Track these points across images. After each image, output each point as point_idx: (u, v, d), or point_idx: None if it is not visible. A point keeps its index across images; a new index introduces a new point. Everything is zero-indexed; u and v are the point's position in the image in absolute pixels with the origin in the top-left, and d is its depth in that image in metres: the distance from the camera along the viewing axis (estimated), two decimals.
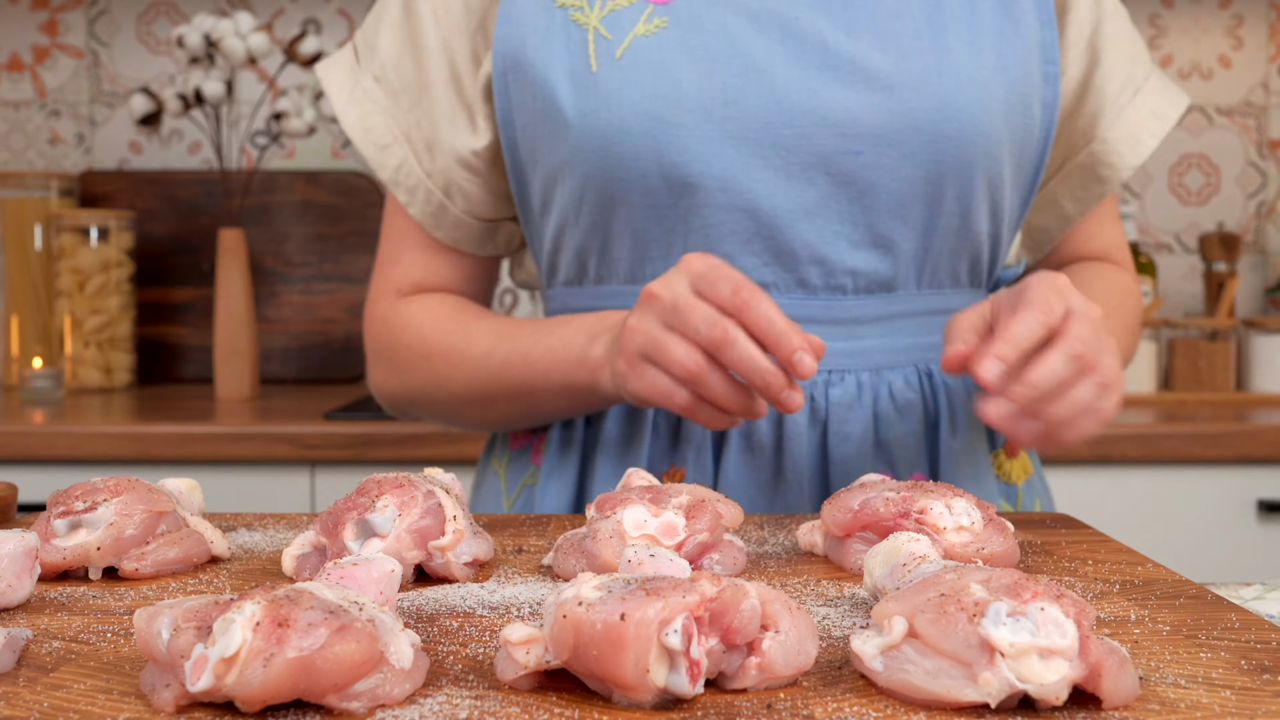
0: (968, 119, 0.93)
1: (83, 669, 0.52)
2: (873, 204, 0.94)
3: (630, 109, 0.91)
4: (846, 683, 0.50)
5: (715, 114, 0.92)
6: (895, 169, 0.93)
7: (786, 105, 0.92)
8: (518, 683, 0.49)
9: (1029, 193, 1.02)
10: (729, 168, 0.92)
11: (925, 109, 0.92)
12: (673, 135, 0.91)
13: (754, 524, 0.83)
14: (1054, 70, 0.99)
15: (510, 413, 0.99)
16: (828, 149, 0.92)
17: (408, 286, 1.05)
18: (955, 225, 0.97)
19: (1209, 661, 0.53)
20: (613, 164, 0.92)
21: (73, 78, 2.38)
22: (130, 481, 0.69)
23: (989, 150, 0.95)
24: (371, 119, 1.03)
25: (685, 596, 0.46)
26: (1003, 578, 0.49)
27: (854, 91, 0.92)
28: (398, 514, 0.66)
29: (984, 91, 0.94)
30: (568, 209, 0.96)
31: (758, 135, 0.92)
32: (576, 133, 0.93)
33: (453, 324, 1.01)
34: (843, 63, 0.93)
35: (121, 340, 2.19)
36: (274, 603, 0.46)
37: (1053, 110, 0.99)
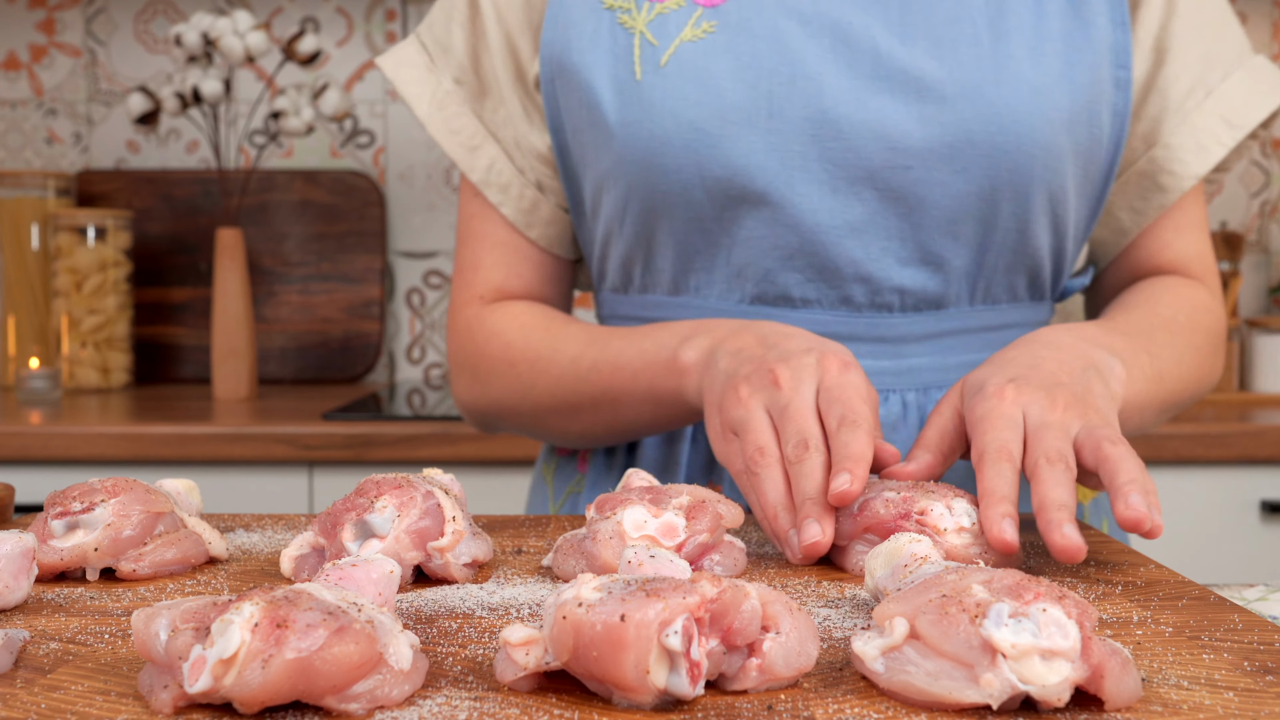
0: (1026, 131, 0.89)
1: (80, 670, 0.52)
2: (922, 221, 0.91)
3: (673, 119, 0.90)
4: (847, 684, 0.50)
5: (759, 125, 0.89)
6: (947, 184, 0.90)
7: (834, 117, 0.89)
8: (517, 684, 0.49)
9: (1098, 203, 0.97)
10: (773, 181, 0.90)
11: (980, 121, 0.89)
12: (715, 147, 0.89)
13: (754, 524, 0.83)
14: (1126, 75, 0.94)
15: (594, 422, 0.96)
16: (876, 163, 0.90)
17: (490, 292, 1.03)
18: (1012, 241, 0.93)
19: (1212, 663, 0.53)
20: (654, 175, 0.91)
21: (70, 76, 2.38)
22: (128, 482, 0.69)
23: (1049, 163, 0.91)
24: (458, 121, 1.02)
25: (685, 598, 0.46)
26: (1004, 579, 0.49)
27: (905, 103, 0.89)
28: (396, 515, 0.66)
29: (1045, 101, 0.90)
30: (612, 218, 0.95)
31: (803, 148, 0.90)
32: (619, 142, 0.91)
33: (541, 331, 0.99)
34: (894, 72, 0.90)
35: (119, 340, 2.19)
36: (272, 604, 0.46)
37: (1124, 117, 0.94)
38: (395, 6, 2.37)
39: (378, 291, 2.34)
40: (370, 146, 2.38)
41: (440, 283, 2.39)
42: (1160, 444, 1.75)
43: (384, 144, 2.38)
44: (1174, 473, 1.78)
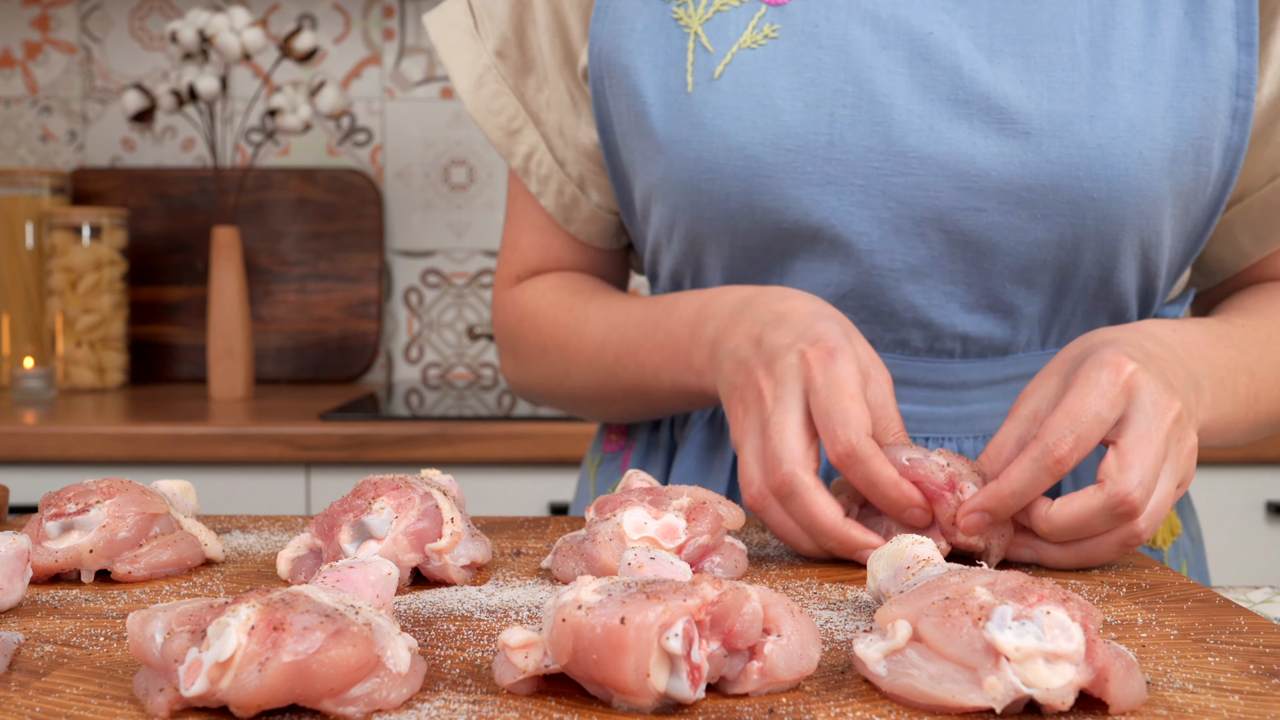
0: (1118, 175, 0.80)
1: (75, 673, 0.52)
2: (993, 267, 0.83)
3: (722, 143, 0.83)
4: (849, 687, 0.50)
5: (818, 154, 0.82)
6: (1024, 230, 0.82)
7: (901, 148, 0.81)
8: (516, 687, 0.49)
9: (1198, 240, 0.88)
10: (829, 216, 0.83)
11: (1067, 163, 0.80)
12: (767, 176, 0.82)
13: (756, 526, 0.83)
14: (1246, 106, 0.83)
15: (631, 409, 0.93)
16: (945, 203, 0.82)
17: (526, 272, 1.00)
18: (1094, 288, 0.85)
19: (1217, 666, 0.53)
20: (701, 201, 0.84)
21: (65, 74, 2.38)
22: (123, 483, 0.69)
23: (1144, 209, 0.82)
24: (498, 100, 0.95)
25: (686, 600, 0.46)
26: (1008, 581, 0.49)
27: (984, 135, 0.81)
28: (394, 516, 0.66)
29: (1146, 139, 0.80)
30: (661, 231, 0.90)
31: (865, 181, 0.82)
32: (666, 160, 0.85)
33: (565, 312, 0.94)
34: (975, 97, 0.81)
35: (114, 340, 2.19)
36: (269, 606, 0.46)
37: (1238, 153, 0.84)
38: (393, 3, 2.37)
39: (375, 291, 2.34)
40: (368, 144, 2.38)
41: (438, 282, 2.39)
42: None
43: (381, 142, 2.38)
44: None
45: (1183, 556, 0.97)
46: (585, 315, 0.93)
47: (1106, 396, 0.67)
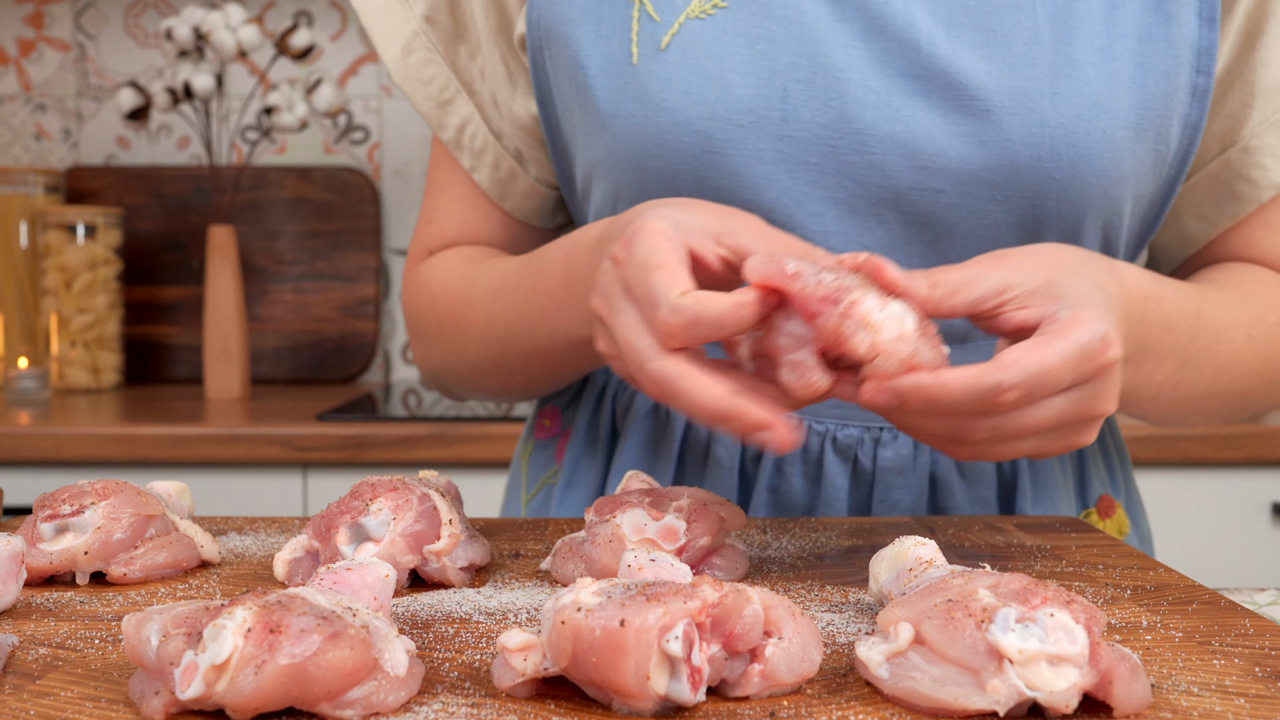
0: (1081, 155, 0.78)
1: (70, 676, 0.52)
2: (951, 249, 0.81)
3: (669, 117, 0.79)
4: (851, 690, 0.50)
5: (770, 129, 0.79)
6: (983, 213, 0.79)
7: (857, 126, 0.78)
8: (515, 690, 0.49)
9: (1154, 222, 0.86)
10: (781, 196, 0.80)
11: (1029, 142, 0.78)
12: (716, 153, 0.79)
13: (757, 528, 0.83)
14: (1206, 83, 0.81)
15: (532, 378, 0.89)
16: (902, 184, 0.79)
17: (439, 247, 0.95)
18: None
19: (1222, 669, 0.53)
20: (647, 179, 0.81)
21: (59, 71, 2.38)
22: (118, 484, 0.69)
23: (1106, 190, 0.79)
24: (428, 69, 0.91)
25: (686, 602, 0.46)
26: (1011, 583, 0.49)
27: (942, 113, 0.78)
28: (392, 517, 0.66)
29: (1109, 117, 0.78)
30: (603, 209, 0.86)
31: (819, 160, 0.79)
32: (610, 135, 0.81)
33: (458, 280, 0.89)
34: (933, 72, 0.78)
35: (109, 340, 2.19)
36: (265, 608, 0.46)
37: (1195, 131, 0.82)
38: None
39: (373, 290, 2.34)
40: (365, 142, 2.38)
41: None
42: (1170, 445, 1.75)
43: (379, 140, 2.38)
44: (1184, 474, 1.78)
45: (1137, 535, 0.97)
46: (474, 281, 0.88)
47: (1077, 370, 0.61)
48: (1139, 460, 1.74)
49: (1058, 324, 0.61)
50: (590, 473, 0.95)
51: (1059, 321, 0.61)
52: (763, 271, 0.59)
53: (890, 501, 0.86)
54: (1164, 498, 1.77)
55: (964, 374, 0.59)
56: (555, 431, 0.99)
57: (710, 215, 0.65)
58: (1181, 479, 1.78)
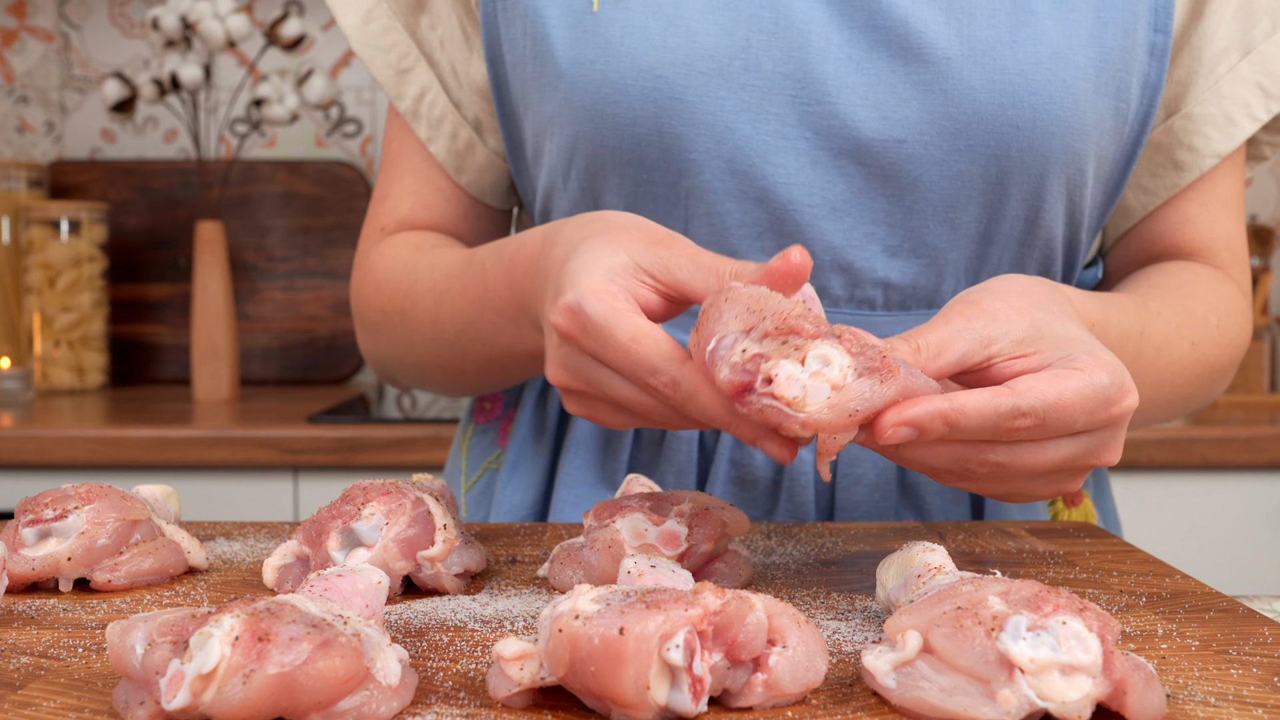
0: (1043, 103, 0.80)
1: (52, 686, 0.52)
2: (915, 204, 0.82)
3: (630, 63, 0.81)
4: (858, 700, 0.50)
5: (732, 78, 0.80)
6: (947, 163, 0.81)
7: (819, 75, 0.80)
8: (511, 700, 0.49)
9: (1116, 187, 0.88)
10: (742, 146, 0.81)
11: (990, 90, 0.80)
12: (677, 99, 0.80)
13: (761, 533, 0.83)
14: (1164, 42, 0.84)
15: (488, 381, 0.90)
16: (865, 135, 0.81)
17: (393, 224, 0.95)
18: (1019, 231, 0.84)
19: (1240, 678, 0.53)
20: (605, 126, 0.82)
21: (42, 62, 2.38)
22: (102, 488, 0.69)
23: (1069, 142, 0.81)
24: (388, 37, 0.92)
25: (687, 610, 0.46)
26: (1022, 590, 0.49)
27: (903, 64, 0.80)
28: (384, 522, 0.66)
29: (1069, 67, 0.80)
30: (556, 169, 0.87)
31: (780, 110, 0.81)
32: (568, 83, 0.82)
33: (401, 273, 0.89)
34: (894, 23, 0.80)
35: (94, 339, 2.19)
36: (253, 616, 0.46)
37: (1155, 90, 0.85)
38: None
39: None
40: (357, 135, 2.38)
41: None
42: (1187, 448, 1.75)
43: (372, 133, 2.38)
44: (1201, 478, 1.78)
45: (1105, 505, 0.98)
46: (416, 276, 0.88)
47: (1092, 413, 0.60)
48: (1156, 464, 1.74)
49: (1076, 363, 0.60)
50: (539, 460, 0.94)
51: (1077, 361, 0.60)
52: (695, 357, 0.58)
53: (854, 475, 0.87)
54: (1181, 502, 1.77)
55: (980, 397, 0.57)
56: (497, 414, 0.99)
57: (640, 247, 0.64)
58: (1199, 483, 1.78)
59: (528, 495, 0.94)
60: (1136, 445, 1.74)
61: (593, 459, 0.91)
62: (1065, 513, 0.94)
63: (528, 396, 0.96)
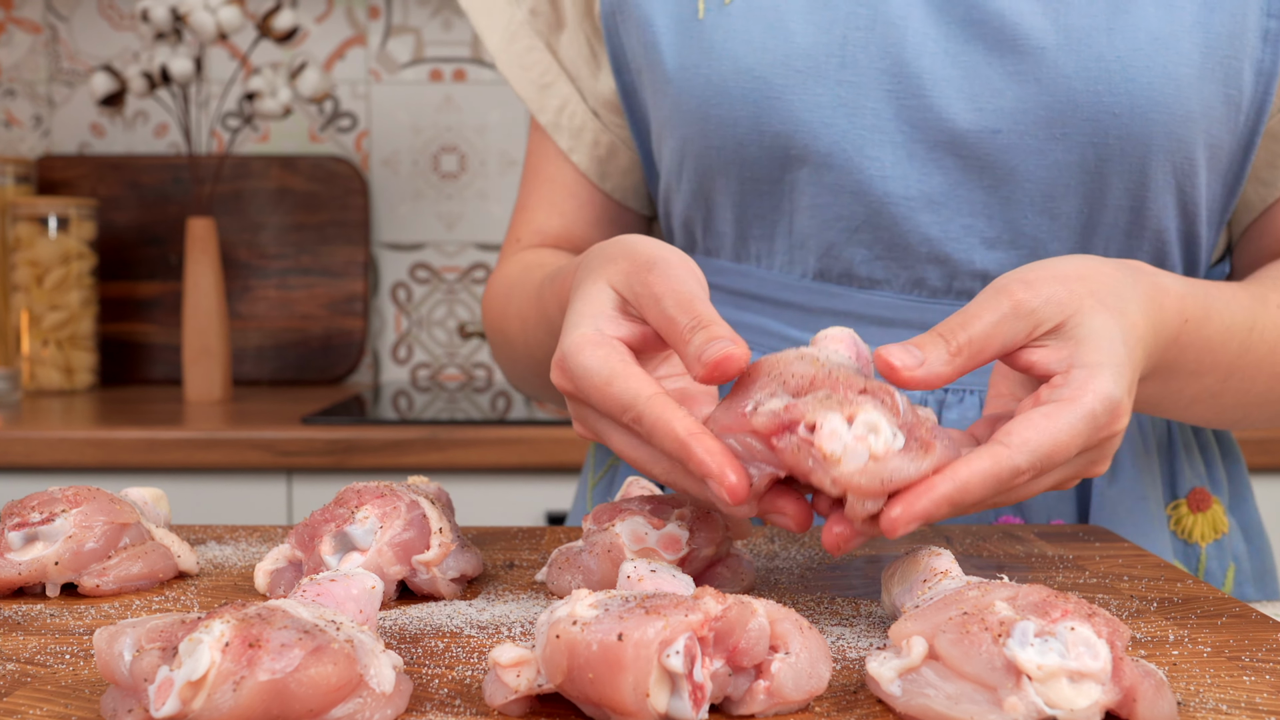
0: (1142, 90, 0.81)
1: (39, 693, 0.52)
2: (1013, 195, 0.84)
3: (731, 65, 0.86)
4: (862, 708, 0.50)
5: (829, 75, 0.84)
6: (1044, 153, 0.83)
7: (915, 70, 0.84)
8: (508, 708, 0.49)
9: (1236, 180, 0.88)
10: (839, 140, 0.85)
11: (1085, 78, 0.81)
12: (776, 98, 0.85)
13: (763, 537, 0.83)
14: (1278, 27, 0.84)
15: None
16: (960, 126, 0.83)
17: (529, 233, 1.00)
18: (1125, 221, 0.85)
19: (1253, 685, 0.53)
20: (710, 128, 0.87)
21: (29, 55, 2.38)
22: (90, 491, 0.69)
23: (1172, 129, 0.82)
24: (531, 56, 0.99)
25: (688, 615, 0.47)
26: (1029, 595, 0.50)
27: (998, 55, 0.83)
28: (379, 526, 0.66)
29: (1171, 53, 0.81)
30: (671, 171, 0.93)
31: (877, 105, 0.84)
32: (675, 89, 0.88)
33: (506, 294, 0.95)
34: (990, 15, 0.83)
35: (83, 339, 2.19)
36: (244, 622, 0.46)
37: (1271, 77, 0.84)
38: None
39: (361, 286, 2.34)
40: (352, 130, 2.38)
41: (428, 276, 2.39)
42: None
43: (367, 127, 2.38)
44: None
45: (1231, 559, 0.94)
46: (511, 297, 0.93)
47: (1086, 442, 0.60)
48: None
49: (1070, 390, 0.60)
50: None
51: (1071, 386, 0.60)
52: (724, 423, 0.58)
53: None
54: None
55: (980, 469, 0.57)
56: None
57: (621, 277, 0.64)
58: None
59: None
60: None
61: None
62: (1190, 518, 0.92)
63: None
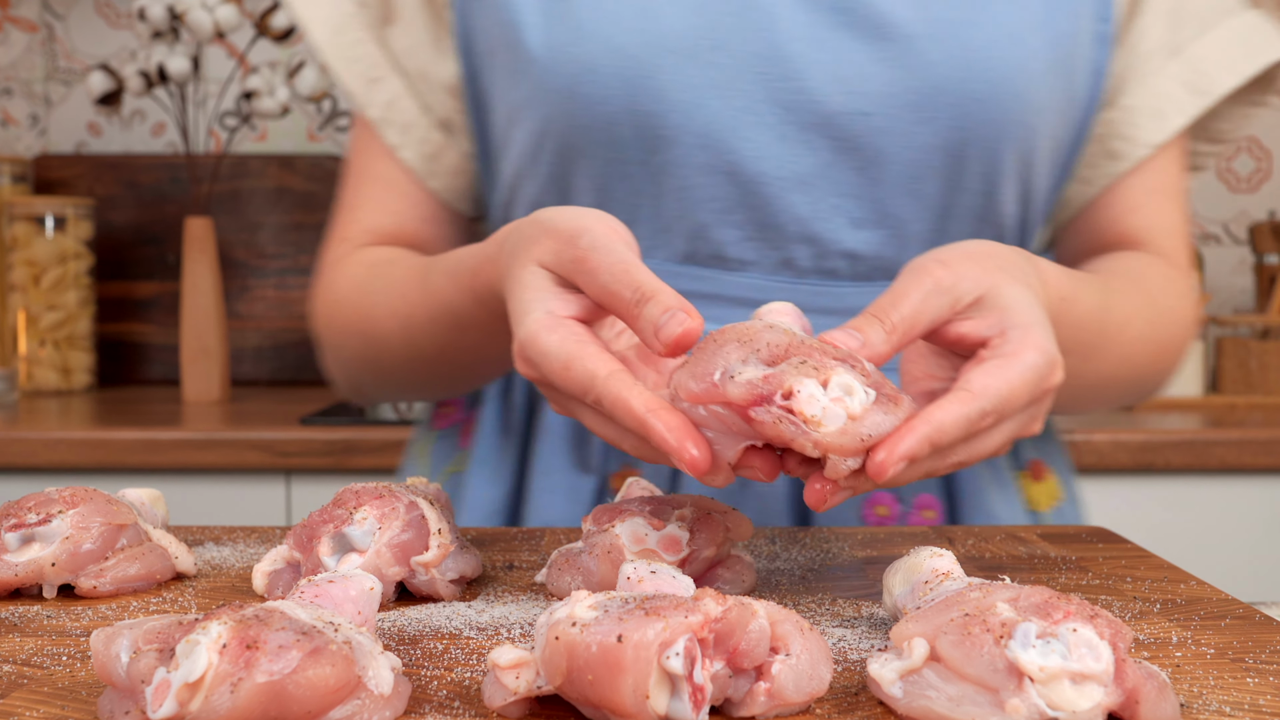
0: (1000, 78, 0.86)
1: (35, 695, 0.52)
2: (880, 176, 0.87)
3: (603, 44, 0.85)
4: (863, 710, 0.50)
5: (702, 56, 0.85)
6: (910, 135, 0.86)
7: (787, 53, 0.86)
8: (507, 710, 0.49)
9: (1064, 173, 0.94)
10: (712, 121, 0.86)
11: (950, 65, 0.86)
12: (649, 78, 0.85)
13: (765, 538, 0.83)
14: (1106, 30, 0.91)
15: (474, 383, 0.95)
16: (831, 108, 0.86)
17: (360, 234, 0.98)
18: (977, 205, 0.89)
19: (1256, 687, 0.53)
20: (577, 107, 0.86)
21: (26, 53, 2.38)
22: (88, 492, 0.69)
23: (1023, 118, 0.87)
24: (359, 49, 0.97)
25: (688, 617, 0.47)
26: (1032, 596, 0.49)
27: (867, 42, 0.86)
28: (377, 527, 0.66)
29: (1023, 47, 0.87)
30: (524, 155, 0.91)
31: (749, 86, 0.86)
32: (540, 68, 0.87)
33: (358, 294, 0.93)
34: (857, 4, 0.86)
35: (80, 339, 2.19)
36: (242, 623, 0.46)
37: (1100, 76, 0.91)
38: None
39: None
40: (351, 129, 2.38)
41: None
42: (1205, 451, 1.75)
43: None
44: (1219, 481, 1.78)
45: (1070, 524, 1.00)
46: (374, 298, 0.91)
47: (1033, 393, 0.63)
48: (1173, 466, 1.74)
49: (1010, 346, 0.63)
50: (507, 449, 0.97)
51: (1011, 343, 0.63)
52: (693, 390, 0.58)
53: None
54: (1197, 506, 1.77)
55: (952, 412, 0.60)
56: (458, 418, 1.02)
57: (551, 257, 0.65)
58: (1217, 486, 1.78)
59: (498, 490, 0.96)
60: (1153, 448, 1.74)
61: (567, 446, 0.94)
62: (1030, 487, 0.98)
63: (490, 394, 0.99)
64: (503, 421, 0.97)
